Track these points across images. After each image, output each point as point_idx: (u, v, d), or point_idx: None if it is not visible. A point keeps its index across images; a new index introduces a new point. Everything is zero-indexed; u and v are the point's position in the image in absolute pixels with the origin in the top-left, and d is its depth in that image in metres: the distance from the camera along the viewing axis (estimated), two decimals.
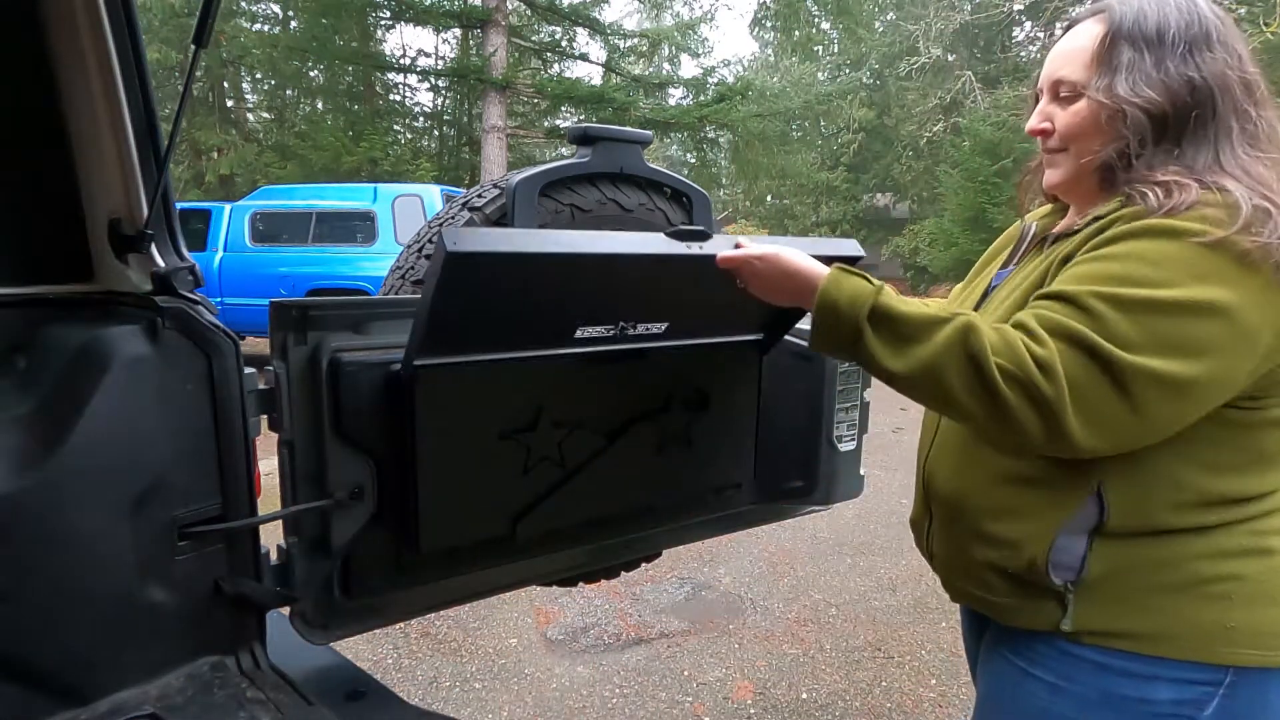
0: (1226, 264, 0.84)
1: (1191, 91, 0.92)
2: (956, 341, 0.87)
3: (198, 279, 1.20)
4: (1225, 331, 0.83)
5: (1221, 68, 0.93)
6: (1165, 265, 0.85)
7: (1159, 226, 0.87)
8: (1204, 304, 0.83)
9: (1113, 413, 0.84)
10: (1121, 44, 0.96)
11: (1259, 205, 0.85)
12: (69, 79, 1.11)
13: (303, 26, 14.57)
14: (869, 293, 0.93)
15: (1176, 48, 0.94)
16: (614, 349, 1.37)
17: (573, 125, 1.46)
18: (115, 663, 1.12)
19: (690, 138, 14.02)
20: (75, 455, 1.05)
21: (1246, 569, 0.92)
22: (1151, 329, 0.83)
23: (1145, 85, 0.94)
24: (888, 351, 0.91)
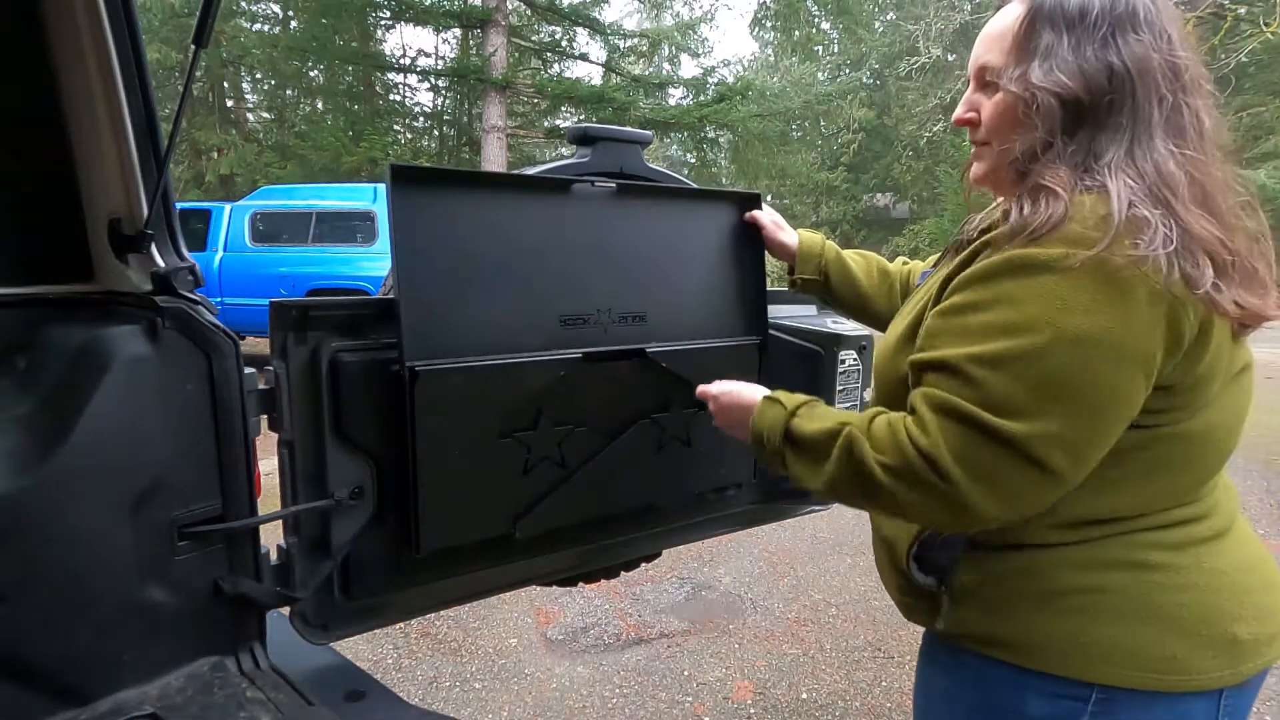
0: (1095, 288, 0.77)
1: (1110, 77, 0.85)
2: (842, 457, 0.90)
3: (198, 279, 1.20)
4: (1107, 364, 0.77)
5: (1145, 51, 0.85)
6: (1030, 304, 0.79)
7: (1018, 260, 0.81)
8: (1079, 340, 0.77)
9: (1025, 482, 0.80)
10: (1042, 26, 0.89)
11: (1136, 215, 0.78)
12: (69, 79, 1.11)
13: (303, 26, 14.57)
14: (782, 419, 1.00)
15: (1098, 29, 0.86)
16: (613, 349, 1.38)
17: (572, 125, 1.46)
18: (115, 663, 1.12)
19: (690, 138, 14.02)
20: (75, 455, 1.05)
21: (1111, 581, 0.86)
22: (1032, 386, 0.78)
23: (1060, 70, 0.86)
24: (807, 472, 0.95)
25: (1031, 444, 0.78)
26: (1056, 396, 0.78)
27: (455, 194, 1.22)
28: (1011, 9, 0.93)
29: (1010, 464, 0.79)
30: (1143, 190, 0.80)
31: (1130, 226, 0.77)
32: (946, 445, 0.81)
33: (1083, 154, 0.86)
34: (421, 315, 1.17)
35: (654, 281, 1.45)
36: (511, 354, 1.26)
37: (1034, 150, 0.89)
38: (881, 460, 0.86)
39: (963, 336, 0.83)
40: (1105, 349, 0.77)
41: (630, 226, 1.42)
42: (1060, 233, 0.79)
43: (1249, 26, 9.18)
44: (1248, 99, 17.03)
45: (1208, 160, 0.85)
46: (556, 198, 1.33)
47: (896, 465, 0.84)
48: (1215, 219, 0.81)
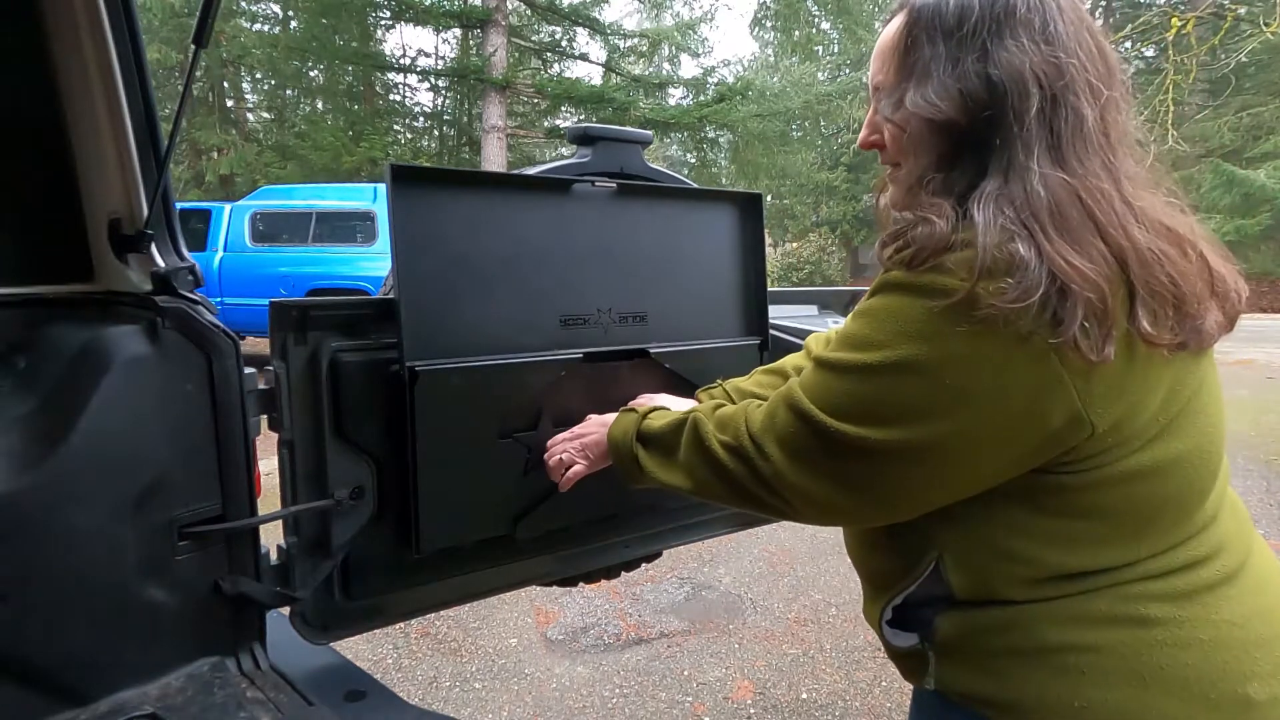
0: (953, 323, 0.71)
1: (989, 91, 0.76)
2: (690, 442, 0.92)
3: (198, 279, 1.20)
4: (931, 393, 0.73)
5: (1019, 57, 0.75)
6: (886, 323, 0.75)
7: (893, 281, 0.77)
8: (908, 364, 0.73)
9: (837, 485, 0.80)
10: (920, 40, 0.81)
11: (1000, 257, 0.70)
12: (69, 79, 1.11)
13: (303, 26, 14.57)
14: (633, 422, 1.03)
15: (977, 37, 0.77)
16: (614, 349, 1.38)
17: (572, 125, 1.46)
18: (115, 663, 1.12)
19: (690, 138, 14.02)
20: (75, 455, 1.05)
21: (1104, 640, 0.76)
22: (852, 392, 0.77)
23: (934, 92, 0.78)
24: (661, 468, 0.97)
25: (856, 448, 0.76)
26: (879, 414, 0.75)
27: (455, 194, 1.23)
28: (895, 21, 0.85)
29: (826, 459, 0.79)
30: (1013, 220, 0.72)
31: (1000, 264, 0.70)
32: (775, 429, 0.83)
33: (964, 182, 0.78)
34: (421, 315, 1.17)
35: (655, 282, 1.45)
36: (512, 354, 1.26)
37: (919, 179, 0.81)
38: (722, 439, 0.88)
39: (838, 339, 0.82)
40: (946, 385, 0.72)
41: (630, 226, 1.42)
42: (936, 262, 0.74)
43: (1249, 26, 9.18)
44: (1248, 99, 17.03)
45: (1100, 171, 0.75)
46: (557, 198, 1.33)
47: (733, 444, 0.87)
48: (1096, 244, 0.71)
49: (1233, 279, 0.80)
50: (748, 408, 0.89)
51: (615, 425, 1.07)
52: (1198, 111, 16.62)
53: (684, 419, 0.96)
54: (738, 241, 1.57)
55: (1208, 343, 0.76)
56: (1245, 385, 8.07)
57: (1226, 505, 0.84)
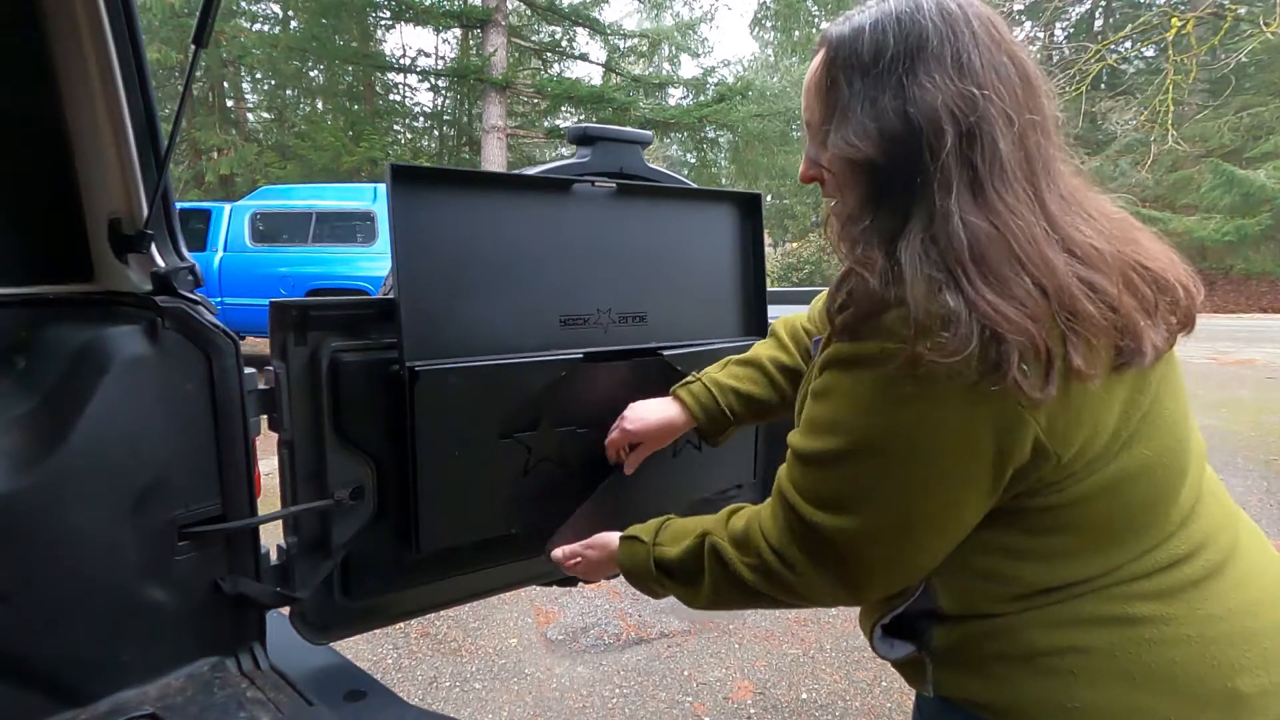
0: (900, 387, 0.72)
1: (908, 129, 0.74)
2: (714, 569, 0.91)
3: (198, 279, 1.20)
4: (914, 467, 0.74)
5: (931, 93, 0.73)
6: (842, 404, 0.77)
7: (841, 357, 0.77)
8: (878, 448, 0.74)
9: (853, 571, 0.80)
10: (839, 79, 0.80)
11: (933, 311, 0.69)
12: (69, 79, 1.11)
13: (303, 26, 14.58)
14: (645, 555, 1.00)
15: (892, 74, 0.75)
16: (614, 349, 1.38)
17: (572, 125, 1.46)
18: (115, 663, 1.12)
19: (690, 138, 14.02)
20: (75, 455, 1.05)
21: (1092, 640, 0.77)
22: (838, 485, 0.78)
23: (854, 131, 0.77)
24: (689, 595, 0.96)
25: (840, 539, 0.78)
26: (860, 497, 0.77)
27: (455, 194, 1.23)
28: (817, 58, 0.84)
29: (833, 554, 0.80)
30: (939, 267, 0.71)
31: (932, 322, 0.69)
32: (785, 533, 0.83)
33: (891, 225, 0.76)
34: (421, 315, 1.17)
35: (654, 282, 1.45)
36: (512, 354, 1.26)
37: (849, 218, 0.80)
38: (747, 561, 0.87)
39: (803, 424, 0.83)
40: (908, 454, 0.74)
41: (630, 226, 1.42)
42: (874, 324, 0.74)
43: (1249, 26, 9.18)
44: (1248, 99, 17.03)
45: (1020, 206, 0.73)
46: (557, 198, 1.33)
47: (757, 564, 0.86)
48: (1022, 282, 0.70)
49: (1179, 276, 0.78)
50: (759, 516, 0.88)
51: (625, 555, 1.04)
52: (1198, 111, 16.61)
53: (698, 545, 0.93)
54: (737, 241, 1.57)
55: (1155, 356, 0.75)
56: (1246, 385, 8.07)
57: (1206, 495, 0.84)
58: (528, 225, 1.29)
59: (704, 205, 1.54)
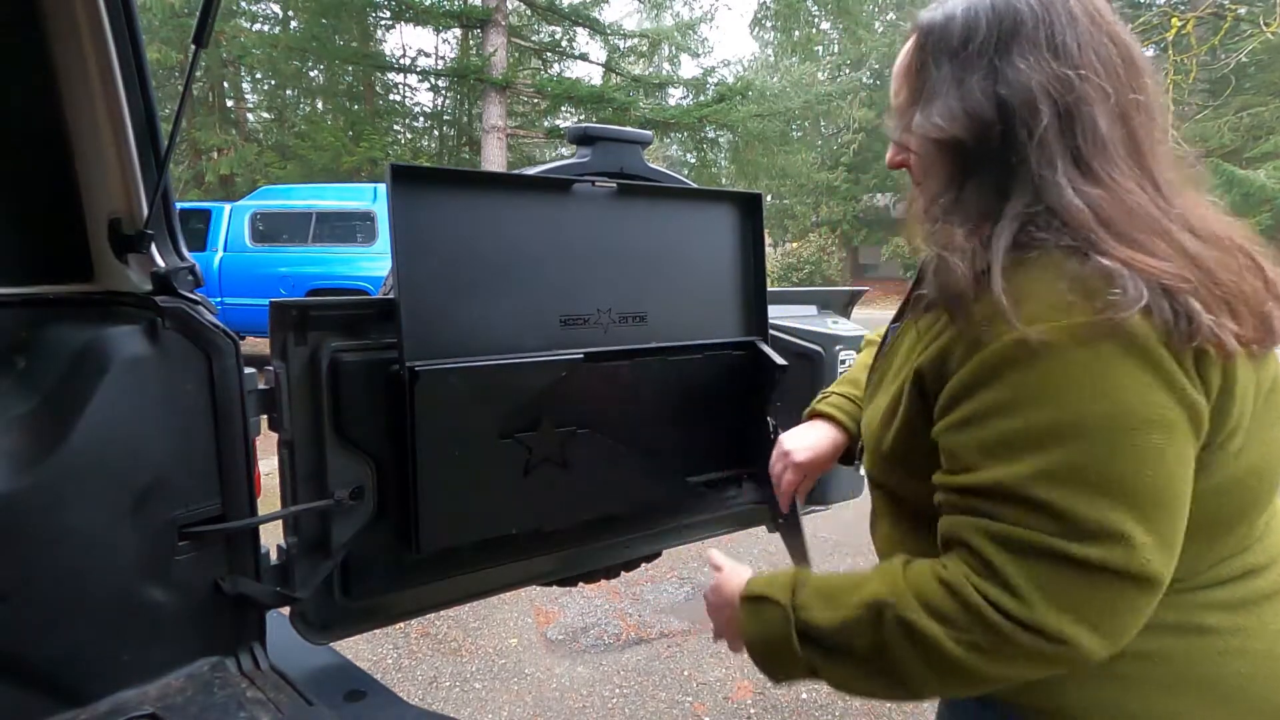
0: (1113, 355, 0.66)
1: (999, 110, 0.73)
2: (898, 644, 0.72)
3: (198, 279, 1.20)
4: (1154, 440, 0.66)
5: (1026, 75, 0.73)
6: (1061, 398, 0.67)
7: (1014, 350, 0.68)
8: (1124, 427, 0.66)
9: (1131, 605, 0.67)
10: (927, 61, 0.79)
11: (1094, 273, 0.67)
12: (69, 79, 1.11)
13: (303, 26, 14.57)
14: (782, 622, 0.81)
15: (984, 56, 0.75)
16: (614, 349, 1.38)
17: (572, 125, 1.46)
18: (115, 663, 1.12)
19: (690, 138, 14.02)
20: (75, 455, 1.05)
21: (1159, 648, 0.73)
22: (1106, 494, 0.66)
23: (939, 111, 0.76)
24: (853, 678, 0.78)
25: (1130, 562, 0.65)
26: (1130, 500, 0.66)
27: (455, 194, 1.23)
28: (908, 43, 0.83)
29: (1117, 593, 0.66)
30: (1073, 237, 0.69)
31: (1093, 280, 0.67)
32: (1046, 598, 0.66)
33: (980, 204, 0.74)
34: (421, 315, 1.17)
35: (654, 282, 1.45)
36: (512, 354, 1.26)
37: (932, 199, 0.79)
38: (958, 637, 0.69)
39: (1002, 451, 0.70)
40: (1147, 427, 0.66)
41: (630, 226, 1.42)
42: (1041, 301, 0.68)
43: (1249, 26, 9.18)
44: (1248, 99, 17.03)
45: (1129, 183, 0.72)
46: (557, 198, 1.33)
47: (986, 642, 0.68)
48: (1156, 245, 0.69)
49: None
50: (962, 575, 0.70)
51: (757, 624, 0.85)
52: (1198, 111, 16.61)
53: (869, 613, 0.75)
54: (737, 241, 1.57)
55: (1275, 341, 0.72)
56: None
57: (1276, 514, 0.82)
58: (528, 225, 1.29)
59: (704, 205, 1.54)
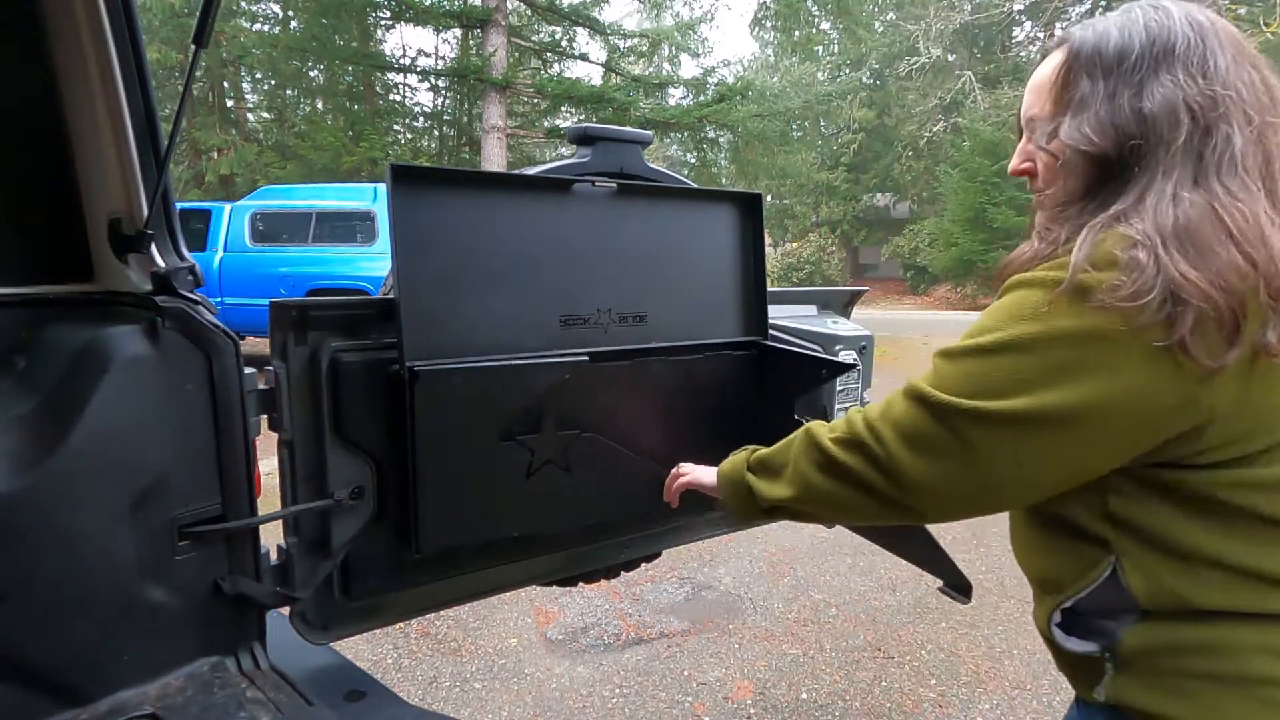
0: (1064, 307, 0.75)
1: (1140, 125, 0.80)
2: (801, 442, 0.95)
3: (198, 279, 1.20)
4: (1040, 366, 0.76)
5: (1173, 92, 0.79)
6: (1000, 312, 0.81)
7: (1014, 282, 0.83)
8: (1017, 342, 0.78)
9: (950, 457, 0.81)
10: (1079, 75, 0.85)
11: (1109, 252, 0.75)
12: (69, 79, 1.11)
13: (303, 26, 14.57)
14: (745, 454, 1.08)
15: (1136, 73, 0.81)
16: (615, 349, 1.38)
17: (573, 125, 1.46)
18: (115, 663, 1.12)
19: (690, 138, 14.00)
20: (75, 455, 1.05)
21: None
22: (976, 376, 0.80)
23: (1089, 124, 0.82)
24: (772, 483, 1.00)
25: (954, 413, 0.79)
26: (989, 389, 0.79)
27: (455, 194, 1.23)
28: (1053, 57, 0.90)
29: (938, 433, 0.81)
30: (1138, 232, 0.75)
31: (1104, 259, 0.75)
32: (891, 416, 0.85)
33: (1101, 207, 0.82)
34: (421, 315, 1.17)
35: (654, 282, 1.45)
36: (512, 354, 1.26)
37: (1062, 203, 0.87)
38: (834, 435, 0.91)
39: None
40: (1037, 353, 0.77)
41: (630, 226, 1.42)
42: (1049, 263, 0.80)
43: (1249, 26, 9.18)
44: None
45: (1242, 191, 0.77)
46: (557, 198, 1.33)
47: (843, 438, 0.89)
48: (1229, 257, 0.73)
49: None
50: (860, 408, 0.92)
51: (725, 463, 1.12)
52: None
53: (793, 436, 0.99)
54: (737, 241, 1.57)
55: None
56: None
57: None
58: (528, 225, 1.29)
59: (704, 205, 1.54)
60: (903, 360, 10.38)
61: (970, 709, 2.58)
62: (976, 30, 22.68)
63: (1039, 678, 2.75)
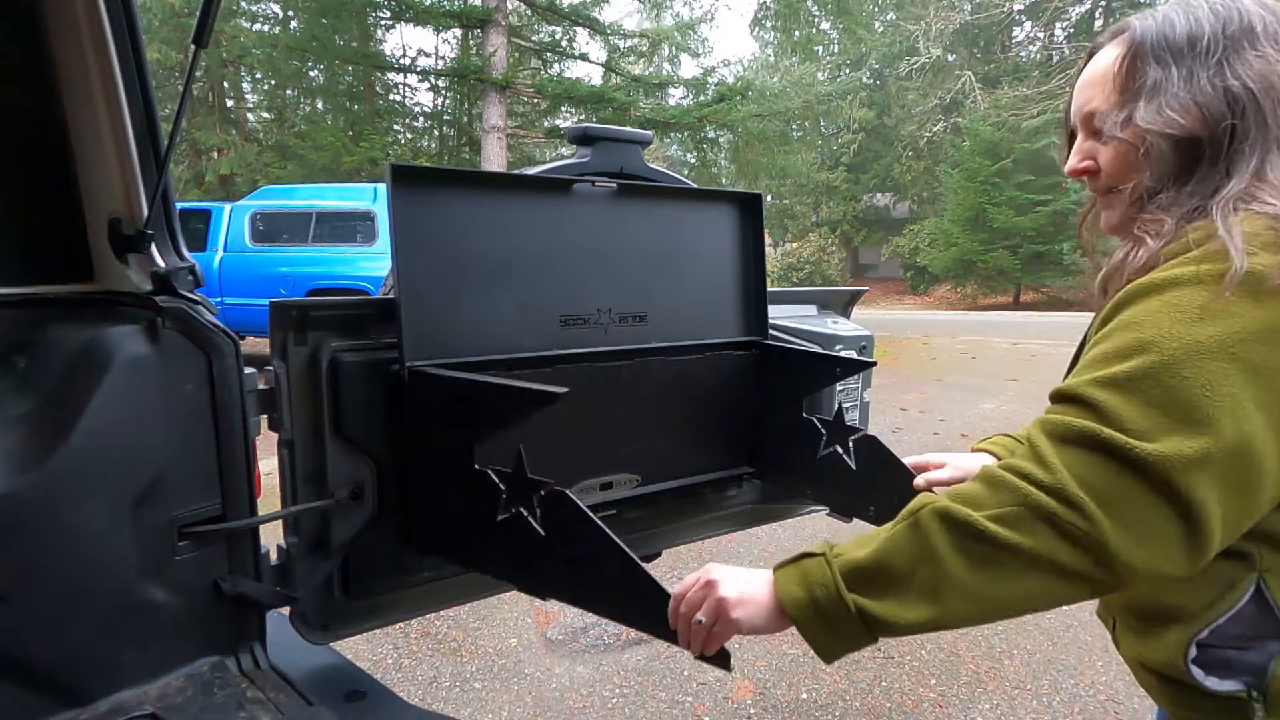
0: (1242, 300, 0.68)
1: (1230, 103, 0.77)
2: (939, 541, 0.71)
3: (198, 279, 1.20)
4: (1241, 372, 0.67)
5: (1266, 66, 0.77)
6: (1160, 319, 0.70)
7: (1148, 285, 0.74)
8: (1204, 347, 0.67)
9: (1164, 519, 0.66)
10: (1146, 63, 0.82)
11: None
12: (69, 79, 1.11)
13: (303, 26, 14.56)
14: (823, 567, 0.77)
15: (1212, 55, 0.79)
16: (615, 349, 1.38)
17: (573, 125, 1.46)
18: (115, 663, 1.12)
19: (690, 138, 14.00)
20: (75, 455, 1.05)
21: None
22: (1160, 405, 0.67)
23: (1170, 108, 0.79)
24: (891, 605, 0.73)
25: (1167, 468, 0.65)
26: (1189, 416, 0.66)
27: (455, 194, 1.23)
28: (1108, 51, 0.87)
29: (1145, 495, 0.66)
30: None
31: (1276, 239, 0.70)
32: (1071, 473, 0.68)
33: (1198, 195, 0.78)
34: (421, 315, 1.17)
35: (654, 282, 1.45)
36: (512, 354, 1.26)
37: (1146, 194, 0.82)
38: (990, 514, 0.69)
39: (1087, 368, 0.74)
40: (1230, 357, 0.67)
41: (630, 227, 1.42)
42: (1182, 259, 0.73)
43: None
44: None
45: None
46: (557, 198, 1.33)
47: (1011, 513, 0.68)
48: None
49: None
50: (1004, 467, 0.72)
51: (788, 580, 0.78)
52: None
53: (907, 522, 0.74)
54: (737, 241, 1.57)
55: None
56: None
57: None
58: (528, 225, 1.29)
59: (704, 205, 1.54)
60: (903, 360, 10.39)
61: (970, 709, 2.58)
62: (976, 30, 22.68)
63: (1039, 678, 2.75)
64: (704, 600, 0.82)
